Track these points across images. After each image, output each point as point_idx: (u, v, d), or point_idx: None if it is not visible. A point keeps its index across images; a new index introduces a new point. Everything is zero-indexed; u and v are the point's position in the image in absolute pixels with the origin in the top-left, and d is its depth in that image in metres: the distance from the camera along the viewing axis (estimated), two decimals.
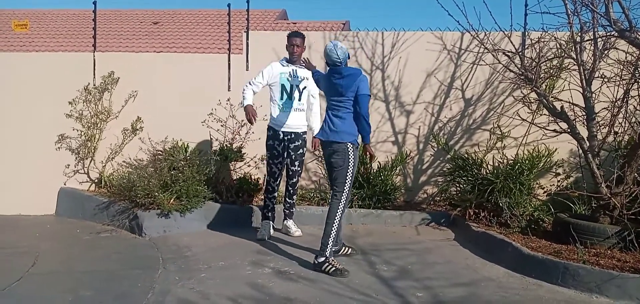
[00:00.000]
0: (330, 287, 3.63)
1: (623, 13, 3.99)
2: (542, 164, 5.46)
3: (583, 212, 5.09)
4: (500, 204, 5.06)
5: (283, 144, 4.94)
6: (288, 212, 5.19)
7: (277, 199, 5.19)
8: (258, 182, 6.01)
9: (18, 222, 5.93)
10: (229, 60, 6.49)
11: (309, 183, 6.38)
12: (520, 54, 5.03)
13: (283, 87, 4.91)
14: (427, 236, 5.21)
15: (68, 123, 6.32)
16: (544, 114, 5.38)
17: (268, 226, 5.03)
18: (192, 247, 4.67)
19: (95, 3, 6.72)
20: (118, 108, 6.44)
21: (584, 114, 4.72)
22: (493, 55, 5.31)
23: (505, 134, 5.93)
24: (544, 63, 5.24)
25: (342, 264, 3.96)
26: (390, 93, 6.36)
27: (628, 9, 3.96)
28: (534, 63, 4.94)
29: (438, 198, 6.19)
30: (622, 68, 4.79)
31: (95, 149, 6.39)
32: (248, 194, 5.82)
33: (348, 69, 4.06)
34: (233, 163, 6.09)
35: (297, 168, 5.02)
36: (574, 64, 4.80)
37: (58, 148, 6.39)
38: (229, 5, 6.77)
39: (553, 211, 5.13)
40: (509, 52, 5.09)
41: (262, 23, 11.76)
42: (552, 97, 5.09)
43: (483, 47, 5.39)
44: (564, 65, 5.41)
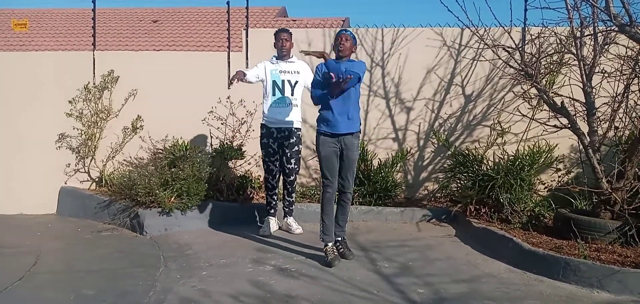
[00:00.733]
0: (332, 284, 3.64)
1: (623, 8, 3.99)
2: (542, 160, 5.45)
3: (584, 207, 5.09)
4: (501, 200, 5.06)
5: (277, 142, 4.96)
6: (288, 210, 5.19)
7: (278, 196, 5.19)
8: (259, 180, 6.02)
9: (19, 221, 5.94)
10: (229, 58, 6.49)
11: (310, 180, 6.38)
12: (520, 50, 5.02)
13: (274, 83, 4.94)
14: (428, 232, 5.21)
15: (68, 122, 6.32)
16: (545, 110, 5.37)
17: (270, 222, 5.05)
18: (193, 245, 4.68)
19: (95, 1, 6.71)
20: (118, 107, 6.44)
21: (585, 110, 4.72)
22: (493, 51, 5.30)
23: (506, 130, 5.93)
24: (544, 58, 5.24)
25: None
26: (391, 90, 6.36)
27: (628, 4, 3.95)
28: (534, 59, 4.93)
29: (439, 195, 6.19)
30: (622, 63, 4.78)
31: (96, 148, 6.39)
32: (249, 192, 5.82)
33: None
34: (233, 161, 6.09)
35: (293, 165, 5.00)
36: (574, 60, 4.80)
37: (58, 147, 6.39)
38: (229, 3, 6.76)
39: (554, 206, 5.13)
40: (509, 47, 5.08)
41: (261, 20, 11.75)
42: (552, 92, 5.08)
43: (483, 43, 5.38)
44: (564, 61, 5.40)
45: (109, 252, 4.62)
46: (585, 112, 4.70)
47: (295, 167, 5.04)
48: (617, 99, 4.73)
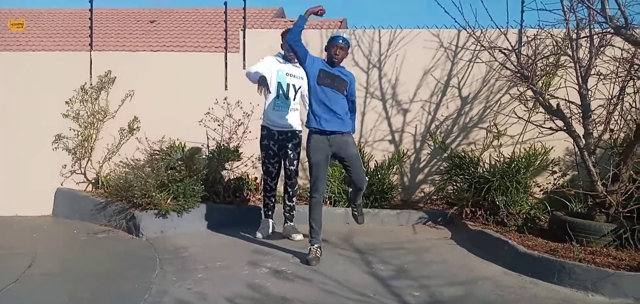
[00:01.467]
0: (327, 286, 3.64)
1: (619, 10, 3.99)
2: (538, 162, 5.47)
3: (579, 210, 5.10)
4: (497, 203, 5.07)
5: (278, 144, 4.88)
6: (288, 215, 5.05)
7: (276, 199, 5.15)
8: (255, 181, 6.01)
9: (15, 223, 5.93)
10: (226, 59, 6.49)
11: (306, 182, 6.35)
12: (517, 52, 5.03)
13: (279, 85, 4.80)
14: (424, 235, 5.21)
15: (65, 123, 6.31)
16: (540, 112, 5.38)
17: (268, 224, 5.02)
18: (189, 247, 4.67)
19: (92, 1, 6.71)
20: (115, 108, 6.43)
21: (580, 112, 4.73)
22: (489, 53, 5.31)
23: (502, 132, 5.94)
24: (540, 60, 5.24)
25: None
26: (387, 91, 6.36)
27: (624, 6, 3.95)
28: (530, 60, 4.94)
29: (435, 197, 6.20)
30: (618, 65, 4.79)
31: (92, 149, 6.38)
32: (245, 194, 5.82)
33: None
34: (230, 163, 6.07)
35: (294, 168, 4.94)
36: (570, 62, 4.81)
37: (55, 148, 6.38)
38: (226, 4, 6.76)
39: (549, 209, 5.13)
40: (506, 49, 5.09)
41: (259, 21, 11.73)
42: (548, 94, 5.09)
43: (479, 44, 5.39)
44: (560, 63, 5.41)
45: (105, 254, 4.61)
46: (581, 114, 4.71)
47: (296, 169, 4.98)
48: (612, 102, 4.75)
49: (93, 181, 6.42)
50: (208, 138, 6.20)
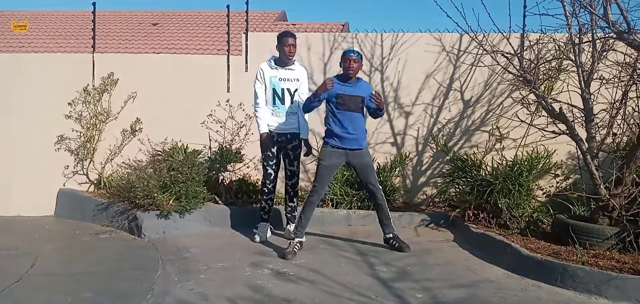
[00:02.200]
0: (330, 288, 3.63)
1: (621, 15, 4.00)
2: (541, 166, 5.47)
3: (582, 213, 5.09)
4: (500, 206, 5.07)
5: (277, 145, 4.89)
6: (290, 216, 5.08)
7: (273, 202, 5.13)
8: (257, 183, 6.01)
9: (17, 223, 5.93)
10: (228, 62, 6.50)
11: (308, 184, 6.36)
12: (519, 56, 5.04)
13: (274, 91, 4.80)
14: (426, 237, 5.21)
15: (67, 124, 6.33)
16: (543, 116, 5.38)
17: (265, 228, 5.00)
18: (191, 248, 4.67)
19: (95, 4, 6.73)
20: (117, 109, 6.44)
21: (583, 116, 4.73)
22: (492, 57, 5.31)
23: (504, 136, 5.94)
24: (543, 64, 5.25)
25: None
26: (389, 94, 6.37)
27: (626, 11, 3.96)
28: (533, 64, 4.94)
29: (437, 199, 6.19)
30: (620, 70, 4.79)
31: (95, 150, 6.39)
32: (247, 195, 5.82)
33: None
34: (232, 164, 6.08)
35: (295, 168, 4.96)
36: (573, 66, 4.81)
37: (57, 149, 6.39)
38: (229, 7, 6.78)
39: (552, 212, 5.13)
40: (508, 53, 5.09)
41: (261, 24, 11.77)
42: (550, 98, 5.09)
43: (482, 48, 5.40)
44: (563, 67, 5.42)
45: (107, 254, 4.61)
46: (584, 118, 4.71)
47: (297, 170, 4.99)
48: (615, 106, 4.75)
49: (95, 181, 6.43)
50: (210, 140, 6.21)
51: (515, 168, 5.27)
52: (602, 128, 4.81)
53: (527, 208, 5.22)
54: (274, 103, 4.82)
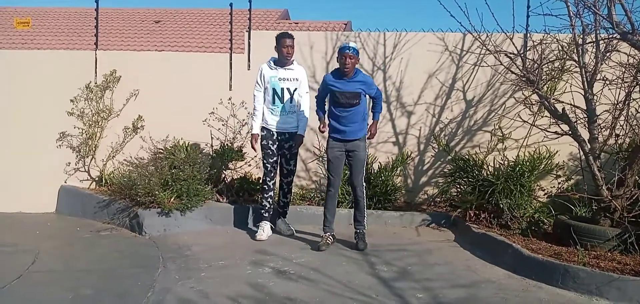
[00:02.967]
0: (331, 287, 3.63)
1: (625, 15, 3.99)
2: (543, 166, 5.45)
3: (584, 214, 5.08)
4: (501, 206, 5.05)
5: (277, 144, 4.97)
6: (282, 211, 5.21)
7: (273, 199, 5.15)
8: (258, 181, 6.00)
9: (18, 220, 5.93)
10: (231, 60, 6.49)
11: (310, 183, 6.37)
12: (522, 56, 5.02)
13: (274, 91, 4.92)
14: (427, 237, 5.20)
15: (69, 121, 6.33)
16: (545, 116, 5.37)
17: (266, 226, 5.02)
18: (192, 246, 4.67)
19: (98, 1, 6.72)
20: (119, 106, 6.45)
21: (585, 117, 4.72)
22: (495, 57, 5.29)
23: (506, 136, 5.93)
24: (546, 65, 5.23)
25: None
26: (392, 94, 6.36)
27: (630, 12, 3.96)
28: (536, 65, 4.93)
29: (438, 199, 6.18)
30: (623, 71, 4.77)
31: (96, 147, 6.39)
32: (248, 194, 5.82)
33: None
34: (234, 162, 6.09)
35: (292, 167, 5.07)
36: (576, 66, 4.80)
37: (59, 146, 6.39)
38: (231, 5, 6.76)
39: (554, 213, 5.12)
40: (511, 53, 5.08)
41: (264, 23, 11.78)
42: (553, 99, 5.08)
43: (485, 48, 5.38)
44: (566, 68, 5.41)
45: (108, 252, 4.62)
46: (586, 119, 4.70)
47: (294, 169, 5.11)
48: (618, 107, 4.73)
49: (97, 179, 6.43)
50: (212, 138, 6.21)
51: (517, 169, 5.26)
52: (604, 129, 4.79)
53: (528, 209, 5.20)
54: (273, 102, 4.93)
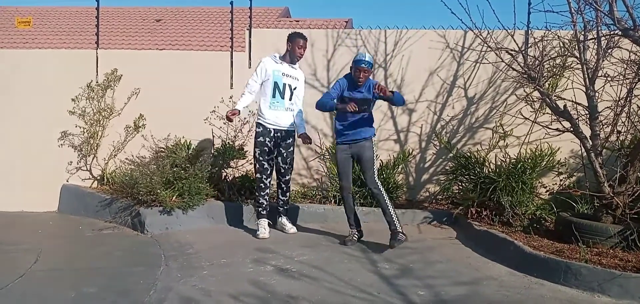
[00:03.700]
0: (332, 285, 3.63)
1: (627, 12, 3.98)
2: (544, 163, 5.45)
3: (585, 211, 5.08)
4: (503, 203, 5.05)
5: (274, 141, 4.96)
6: (282, 209, 5.21)
7: (270, 197, 5.17)
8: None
9: (21, 219, 5.95)
10: (232, 58, 6.50)
11: (311, 181, 6.38)
12: (523, 53, 5.01)
13: (276, 84, 4.91)
14: (429, 234, 5.20)
15: (71, 120, 6.34)
16: (547, 113, 5.36)
17: (266, 224, 5.02)
18: (194, 244, 4.68)
19: (98, 0, 6.73)
20: (121, 105, 6.45)
21: (587, 113, 4.71)
22: (496, 54, 5.29)
23: (508, 133, 5.92)
24: (547, 62, 5.22)
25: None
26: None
27: (632, 8, 3.94)
28: (537, 62, 4.92)
29: (440, 197, 6.19)
30: (625, 67, 4.76)
31: (98, 146, 6.40)
32: (250, 192, 5.82)
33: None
34: (235, 161, 6.09)
35: (289, 165, 5.08)
36: (577, 63, 4.78)
37: (61, 145, 6.41)
38: (232, 3, 6.77)
39: (555, 210, 5.11)
40: (512, 50, 5.07)
41: (264, 21, 11.78)
42: (555, 96, 5.06)
43: (486, 45, 5.37)
44: (567, 64, 5.39)
45: (110, 250, 4.62)
46: (588, 116, 4.69)
47: (291, 167, 5.13)
48: (619, 103, 4.71)
49: (98, 177, 6.45)
50: (213, 136, 6.22)
51: (519, 166, 5.25)
52: (606, 126, 4.77)
53: (530, 206, 5.20)
54: (274, 96, 4.92)
